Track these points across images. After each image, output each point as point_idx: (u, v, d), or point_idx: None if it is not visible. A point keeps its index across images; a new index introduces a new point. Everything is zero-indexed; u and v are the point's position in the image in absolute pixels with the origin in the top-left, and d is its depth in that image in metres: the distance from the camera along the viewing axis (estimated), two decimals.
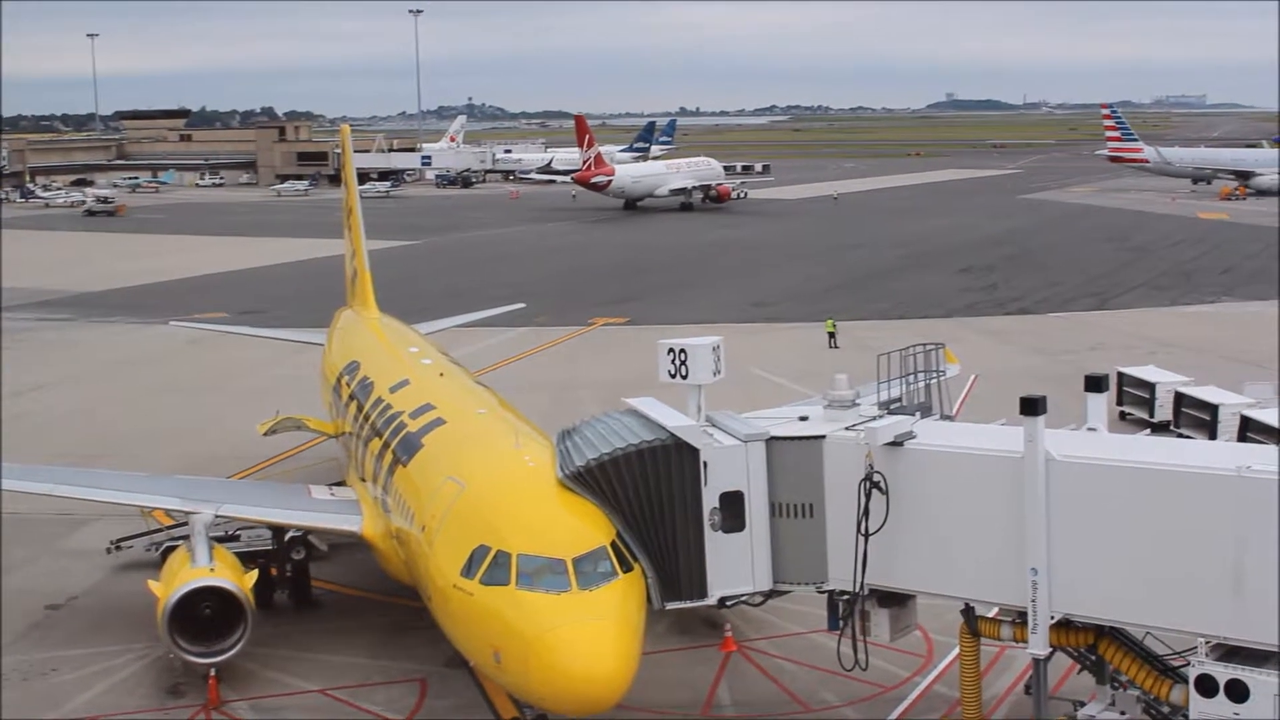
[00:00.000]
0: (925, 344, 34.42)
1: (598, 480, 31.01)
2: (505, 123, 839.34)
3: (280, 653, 38.34)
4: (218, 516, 39.39)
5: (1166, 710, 28.89)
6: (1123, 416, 62.32)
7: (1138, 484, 27.63)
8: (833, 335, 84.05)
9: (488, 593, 29.42)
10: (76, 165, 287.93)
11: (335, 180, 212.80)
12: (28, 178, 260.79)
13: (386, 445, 39.69)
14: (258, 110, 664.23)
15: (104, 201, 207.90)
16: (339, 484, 46.09)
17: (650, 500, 30.88)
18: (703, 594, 31.32)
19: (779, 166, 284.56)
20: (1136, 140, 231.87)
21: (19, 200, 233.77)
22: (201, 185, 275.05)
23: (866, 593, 30.93)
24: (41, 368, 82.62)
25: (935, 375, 34.11)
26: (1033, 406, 28.40)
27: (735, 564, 31.17)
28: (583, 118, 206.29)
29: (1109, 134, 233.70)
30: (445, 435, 37.61)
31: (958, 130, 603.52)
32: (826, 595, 32.12)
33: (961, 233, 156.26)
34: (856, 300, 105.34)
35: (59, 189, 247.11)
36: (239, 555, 38.67)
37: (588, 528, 30.39)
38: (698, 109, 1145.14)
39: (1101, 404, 33.44)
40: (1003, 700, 34.68)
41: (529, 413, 42.00)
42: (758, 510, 31.14)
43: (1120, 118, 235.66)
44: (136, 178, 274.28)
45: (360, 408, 45.44)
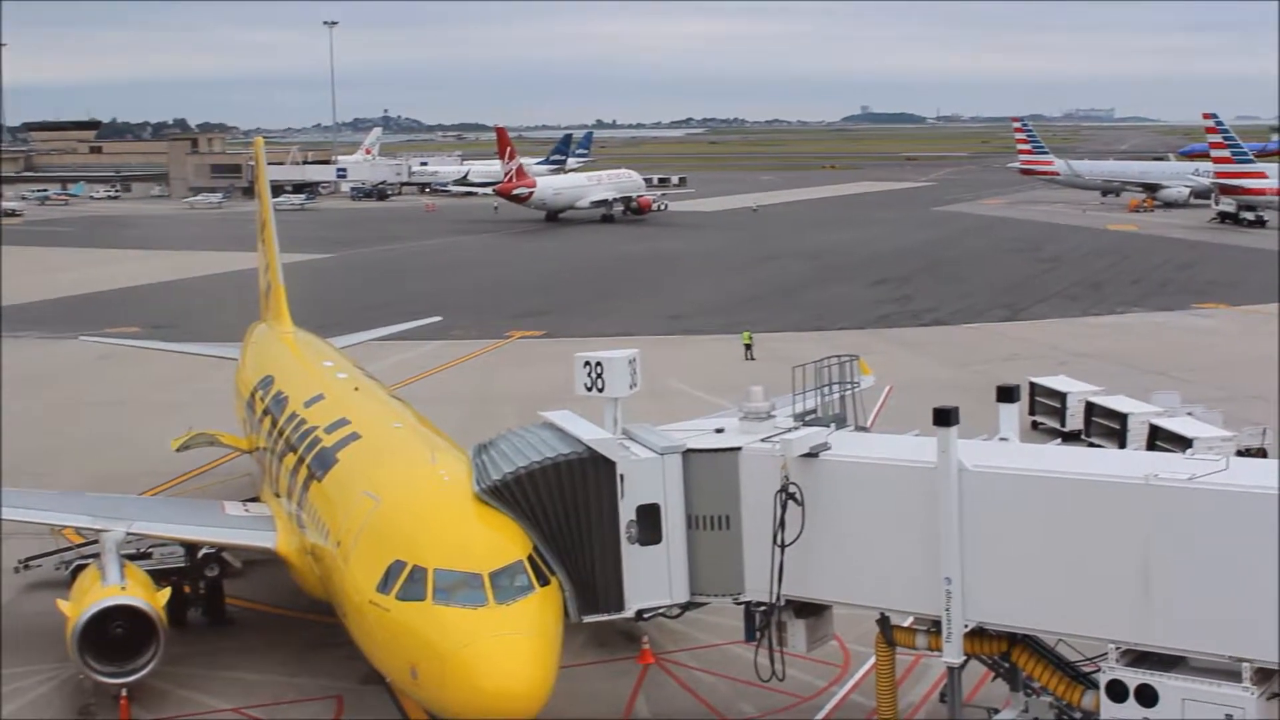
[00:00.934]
0: (840, 356, 34.68)
1: (514, 494, 30.97)
2: (421, 135, 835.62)
3: (193, 671, 37.82)
4: (129, 534, 38.86)
5: (1079, 716, 29.20)
6: (1035, 426, 63.03)
7: (1049, 493, 28.02)
8: (749, 347, 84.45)
9: (404, 608, 29.28)
10: None
11: (249, 193, 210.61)
12: None
13: (301, 460, 39.37)
14: (170, 122, 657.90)
15: (10, 215, 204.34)
16: (253, 500, 45.65)
17: (567, 513, 30.88)
18: (620, 606, 31.35)
19: (696, 179, 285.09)
20: (1047, 153, 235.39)
21: None
22: (96, 198, 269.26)
23: (783, 603, 31.13)
24: None
25: (850, 387, 34.37)
26: (945, 417, 28.71)
27: (652, 576, 31.22)
28: (504, 130, 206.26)
29: (1020, 147, 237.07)
30: (360, 450, 37.37)
31: (872, 143, 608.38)
32: (743, 606, 32.26)
33: (876, 244, 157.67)
34: (773, 312, 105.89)
35: None
36: (151, 573, 38.15)
37: (504, 541, 30.34)
38: (614, 121, 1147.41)
39: (1014, 414, 33.85)
40: (919, 708, 34.97)
41: (445, 426, 41.89)
42: (674, 522, 31.21)
43: (1031, 131, 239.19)
44: (45, 190, 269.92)
45: (274, 423, 45.05)
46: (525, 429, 33.69)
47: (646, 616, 32.70)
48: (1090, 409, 60.86)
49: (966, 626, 29.07)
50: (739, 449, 31.31)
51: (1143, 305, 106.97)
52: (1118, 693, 27.13)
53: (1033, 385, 64.38)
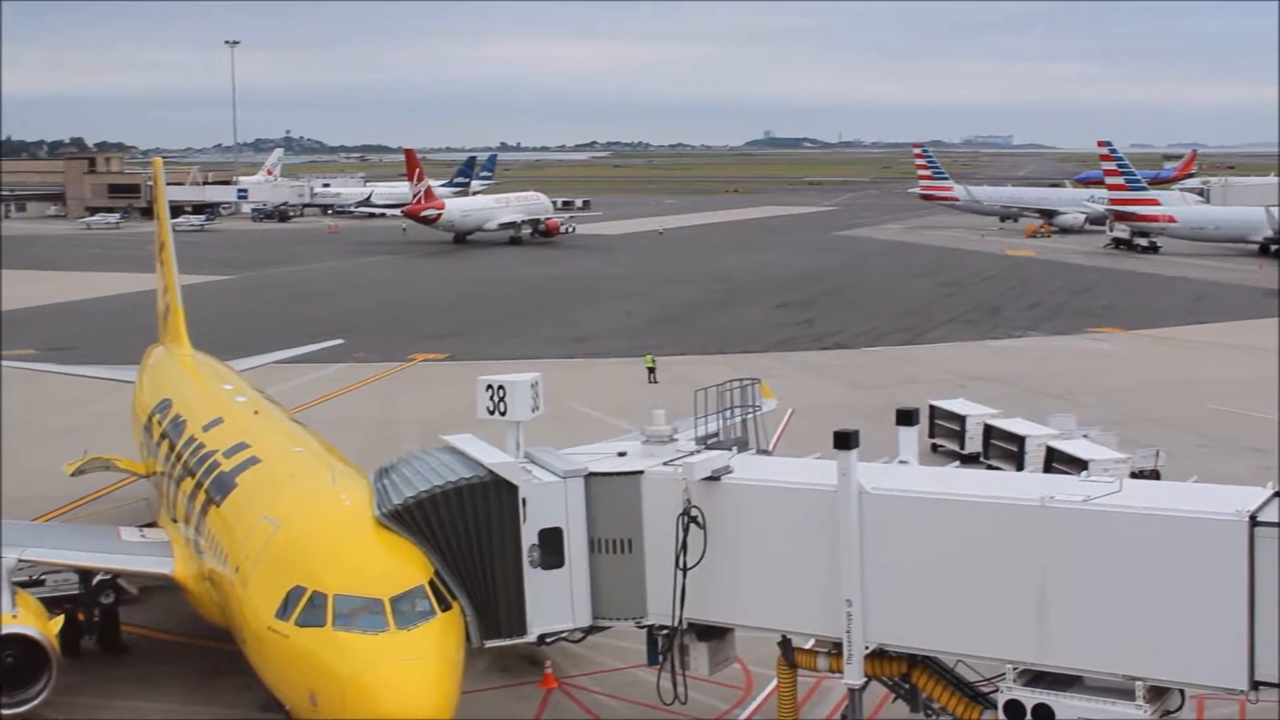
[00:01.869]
0: (742, 379, 34.91)
1: (415, 518, 30.79)
2: (324, 156, 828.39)
3: (88, 701, 37.16)
4: (21, 561, 37.93)
5: None
6: (934, 449, 63.74)
7: (947, 515, 28.38)
8: (652, 370, 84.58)
9: (303, 634, 28.98)
10: None
11: (148, 213, 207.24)
12: None
13: (199, 485, 38.84)
14: (67, 140, 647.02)
15: None
16: (150, 525, 44.89)
17: (469, 538, 30.76)
18: (522, 631, 31.28)
19: (601, 202, 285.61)
20: (947, 179, 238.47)
21: None
22: None
23: (685, 627, 31.21)
24: None
25: (752, 410, 34.57)
26: (846, 440, 28.99)
27: (555, 600, 31.20)
28: (413, 152, 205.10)
29: (921, 172, 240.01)
30: (260, 474, 36.94)
31: (775, 168, 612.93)
32: (646, 630, 32.33)
33: (779, 268, 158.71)
34: (676, 335, 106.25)
35: None
36: (44, 600, 37.33)
37: (406, 566, 30.15)
38: (519, 144, 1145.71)
39: (913, 437, 34.19)
40: None
41: (346, 450, 41.55)
42: (577, 546, 31.22)
43: (931, 157, 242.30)
44: None
45: (172, 447, 44.40)
46: (427, 453, 33.55)
47: (549, 641, 32.67)
48: (989, 431, 61.68)
49: (867, 648, 29.33)
50: (641, 473, 31.40)
51: (1040, 329, 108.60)
52: (1015, 712, 27.53)
53: (932, 408, 65.10)
